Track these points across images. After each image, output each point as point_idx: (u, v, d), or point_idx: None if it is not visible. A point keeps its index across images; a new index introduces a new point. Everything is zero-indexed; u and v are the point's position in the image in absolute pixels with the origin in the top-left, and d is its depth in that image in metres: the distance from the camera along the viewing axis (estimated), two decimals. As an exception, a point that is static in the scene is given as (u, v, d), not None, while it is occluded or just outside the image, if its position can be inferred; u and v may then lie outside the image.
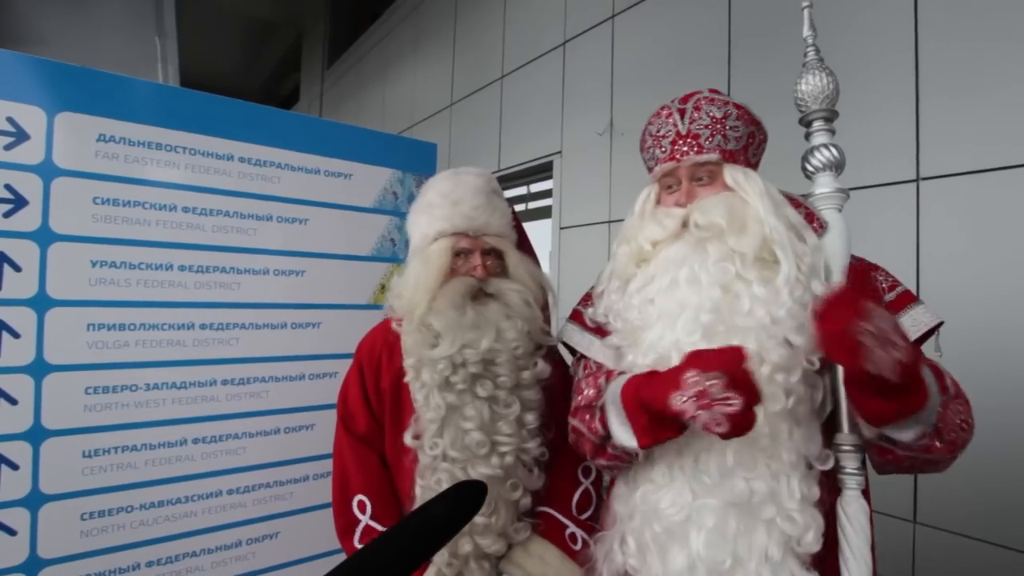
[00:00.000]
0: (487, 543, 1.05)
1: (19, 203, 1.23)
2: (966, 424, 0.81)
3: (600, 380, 0.96)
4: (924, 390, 0.70)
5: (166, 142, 1.41)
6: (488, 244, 1.12)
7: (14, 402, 1.21)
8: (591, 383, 0.98)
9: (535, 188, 3.99)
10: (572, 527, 1.11)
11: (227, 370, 1.48)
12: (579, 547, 1.08)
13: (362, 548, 0.61)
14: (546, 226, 3.57)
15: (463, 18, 4.65)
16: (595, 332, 1.03)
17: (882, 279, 0.95)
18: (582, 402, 0.97)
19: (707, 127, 0.92)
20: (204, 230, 1.46)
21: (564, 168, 3.42)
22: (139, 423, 1.35)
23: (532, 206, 3.98)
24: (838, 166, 0.93)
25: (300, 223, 1.61)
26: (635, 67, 2.99)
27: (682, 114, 0.94)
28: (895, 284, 0.94)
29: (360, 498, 1.11)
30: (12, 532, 1.20)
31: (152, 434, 1.37)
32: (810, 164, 0.95)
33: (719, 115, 0.92)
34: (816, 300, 0.75)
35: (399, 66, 5.82)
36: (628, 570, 0.88)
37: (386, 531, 0.63)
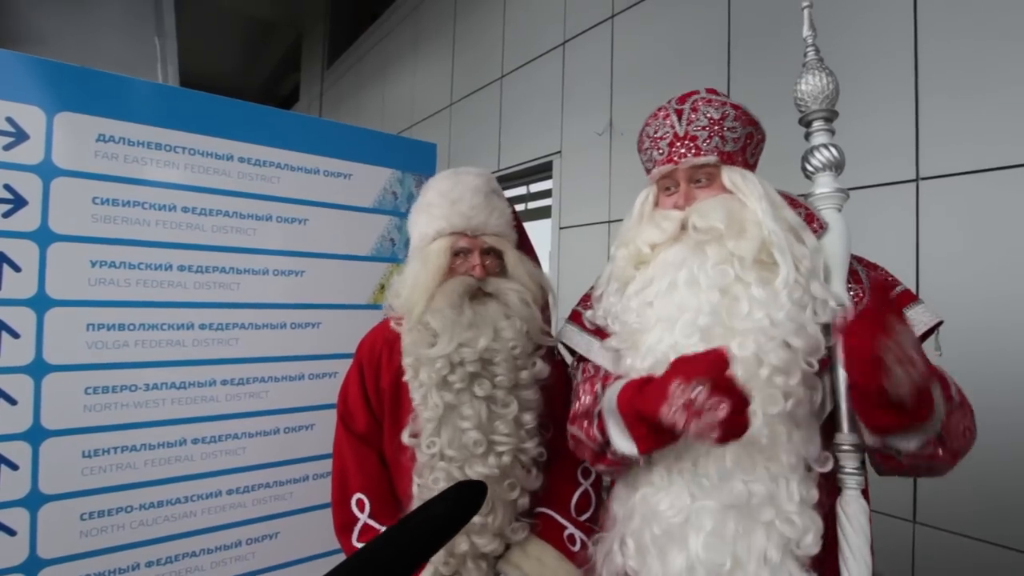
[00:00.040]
0: (483, 543, 1.05)
1: (18, 203, 1.23)
2: (969, 432, 0.81)
3: (597, 387, 0.96)
4: (931, 404, 0.70)
5: (166, 142, 1.41)
6: (487, 244, 1.11)
7: (13, 402, 1.21)
8: (588, 389, 0.98)
9: (535, 188, 3.99)
10: (571, 528, 1.11)
11: (227, 370, 1.48)
12: (577, 548, 1.08)
13: (362, 548, 0.61)
14: (546, 226, 3.56)
15: (463, 18, 4.65)
16: (594, 334, 1.03)
17: (882, 279, 0.95)
18: (579, 410, 0.98)
19: (704, 129, 0.91)
20: (204, 230, 1.45)
21: (564, 168, 3.42)
22: (139, 423, 1.35)
23: (532, 206, 3.97)
24: (838, 166, 0.93)
25: (300, 223, 1.61)
26: (635, 67, 2.98)
27: (679, 115, 0.93)
28: (895, 283, 0.94)
29: (359, 496, 1.11)
30: (12, 532, 1.20)
31: (152, 434, 1.37)
32: (810, 164, 0.95)
33: (717, 116, 0.92)
34: (843, 312, 0.74)
35: (399, 66, 5.82)
36: (628, 571, 0.88)
37: (386, 531, 0.64)
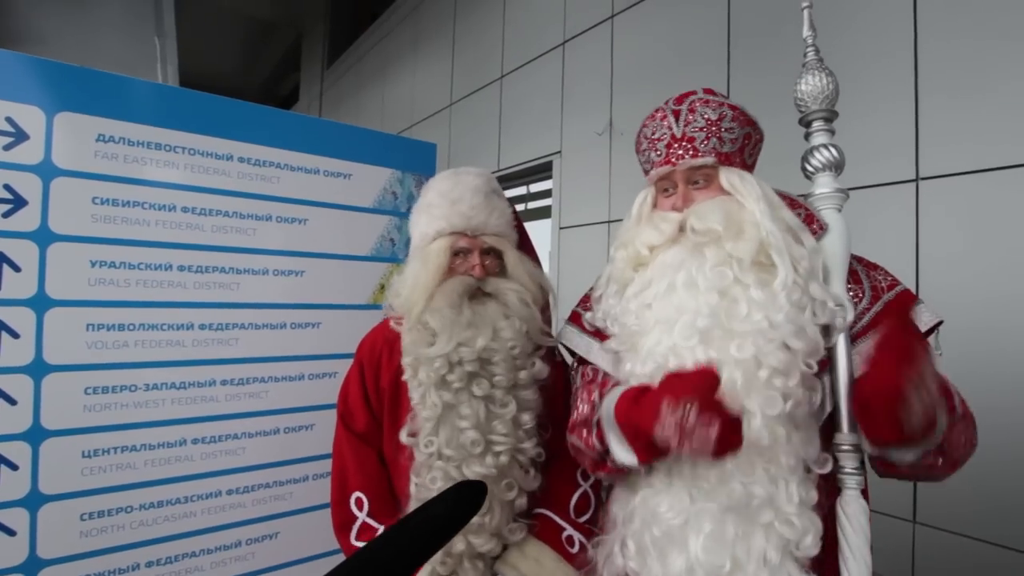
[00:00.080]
0: (480, 542, 1.04)
1: (18, 203, 1.23)
2: (970, 443, 0.81)
3: (595, 396, 0.96)
4: (935, 424, 0.71)
5: (165, 142, 1.41)
6: (487, 244, 1.11)
7: (13, 402, 1.22)
8: (586, 398, 0.98)
9: (535, 188, 3.99)
10: (569, 529, 1.10)
11: (226, 370, 1.48)
12: (576, 550, 1.08)
13: (362, 548, 0.61)
14: (545, 226, 3.56)
15: (462, 18, 4.64)
16: (594, 335, 1.02)
17: (881, 278, 0.94)
18: (578, 419, 0.98)
19: (702, 130, 0.91)
20: (203, 230, 1.46)
21: (564, 168, 3.42)
22: (138, 423, 1.36)
23: (532, 206, 3.97)
24: (838, 166, 0.93)
25: (299, 223, 1.61)
26: (634, 67, 2.98)
27: (677, 116, 0.93)
28: (894, 283, 0.94)
29: (358, 495, 1.11)
30: (11, 532, 1.20)
31: (151, 434, 1.37)
32: (810, 164, 0.95)
33: (714, 117, 0.91)
34: (873, 345, 0.76)
35: (398, 66, 5.82)
36: (628, 573, 0.88)
37: (385, 531, 0.64)
